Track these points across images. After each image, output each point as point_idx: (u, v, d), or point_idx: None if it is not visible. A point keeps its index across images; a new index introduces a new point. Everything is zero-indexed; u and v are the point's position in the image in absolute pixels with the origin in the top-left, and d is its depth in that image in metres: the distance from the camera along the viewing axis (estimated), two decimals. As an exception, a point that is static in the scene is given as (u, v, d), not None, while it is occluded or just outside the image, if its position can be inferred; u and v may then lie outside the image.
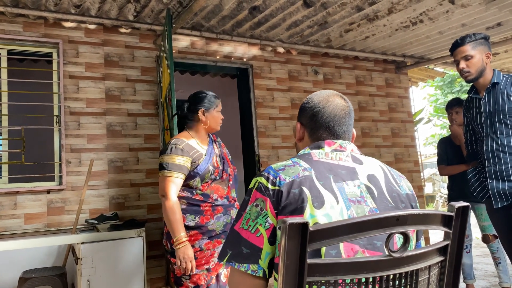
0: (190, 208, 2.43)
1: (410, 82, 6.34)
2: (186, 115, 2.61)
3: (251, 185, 1.20)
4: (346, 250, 1.04)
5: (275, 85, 4.94)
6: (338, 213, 1.08)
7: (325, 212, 1.07)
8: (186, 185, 2.46)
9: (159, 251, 3.99)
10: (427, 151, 23.23)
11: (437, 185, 17.27)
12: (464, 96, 16.37)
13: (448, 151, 3.87)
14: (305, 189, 1.10)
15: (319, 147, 1.26)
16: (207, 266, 2.42)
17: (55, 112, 3.82)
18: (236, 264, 1.11)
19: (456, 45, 2.61)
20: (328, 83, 5.29)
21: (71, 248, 3.44)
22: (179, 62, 4.40)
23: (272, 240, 1.10)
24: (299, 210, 1.07)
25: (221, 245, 2.45)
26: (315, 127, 1.30)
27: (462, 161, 3.65)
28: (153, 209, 4.04)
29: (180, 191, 2.45)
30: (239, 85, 4.97)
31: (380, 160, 1.33)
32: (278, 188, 1.12)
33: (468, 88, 2.76)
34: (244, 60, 4.79)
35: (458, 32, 4.60)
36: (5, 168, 3.67)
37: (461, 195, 3.70)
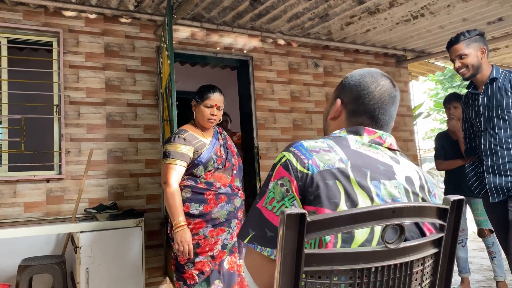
0: (195, 197, 2.49)
1: (410, 76, 6.34)
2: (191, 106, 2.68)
3: (276, 160, 1.07)
4: None
5: (275, 77, 4.94)
6: None
7: None
8: (190, 174, 2.52)
9: (158, 241, 4.01)
10: (426, 146, 23.27)
11: (435, 180, 17.36)
12: (464, 91, 16.36)
13: (445, 145, 3.90)
14: (339, 185, 0.98)
15: (357, 133, 1.13)
16: (211, 253, 2.47)
17: (55, 102, 3.82)
18: (259, 247, 1.01)
19: (451, 44, 2.63)
20: (328, 76, 5.29)
21: (70, 237, 3.46)
22: (179, 53, 4.39)
23: None
24: (333, 206, 0.96)
25: (225, 233, 2.50)
26: (358, 111, 1.17)
27: (459, 156, 3.67)
28: (152, 199, 4.06)
29: (184, 180, 2.51)
30: (239, 77, 4.97)
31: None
32: (310, 173, 0.99)
33: (467, 84, 2.78)
34: (245, 51, 4.78)
35: (459, 27, 4.60)
36: (4, 156, 3.68)
37: (457, 189, 3.72)
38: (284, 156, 1.04)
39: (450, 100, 3.82)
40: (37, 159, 3.81)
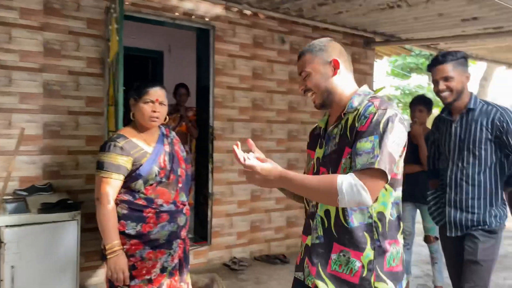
0: (132, 214, 2.18)
1: (375, 56, 6.15)
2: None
3: (387, 115, 1.38)
4: None
5: (237, 51, 4.57)
6: None
7: None
8: (127, 188, 2.20)
9: (96, 224, 3.72)
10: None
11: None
12: (420, 61, 16.43)
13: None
14: None
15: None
16: (149, 277, 2.21)
17: (-19, 65, 3.29)
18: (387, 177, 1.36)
19: (437, 62, 2.42)
20: (294, 53, 4.97)
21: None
22: (132, 16, 3.88)
23: None
24: None
25: (165, 255, 2.24)
26: (346, 60, 1.58)
27: (418, 161, 3.61)
28: (92, 179, 3.59)
29: (121, 194, 2.19)
30: (198, 48, 4.56)
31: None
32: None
33: (442, 107, 2.61)
34: (206, 19, 4.34)
35: (433, 20, 4.41)
36: None
37: (411, 194, 3.69)
38: (394, 113, 1.40)
39: (416, 103, 3.71)
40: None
